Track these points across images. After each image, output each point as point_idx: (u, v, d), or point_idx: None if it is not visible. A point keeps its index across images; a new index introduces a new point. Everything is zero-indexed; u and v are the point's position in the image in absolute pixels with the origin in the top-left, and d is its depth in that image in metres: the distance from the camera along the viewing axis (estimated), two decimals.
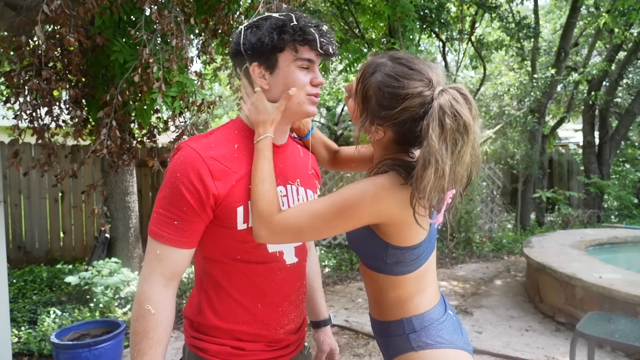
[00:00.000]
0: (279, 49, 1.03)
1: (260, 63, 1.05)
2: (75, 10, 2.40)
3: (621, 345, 2.25)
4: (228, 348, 1.08)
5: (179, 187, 0.99)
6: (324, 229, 0.99)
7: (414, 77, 0.97)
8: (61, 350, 2.64)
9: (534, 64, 8.21)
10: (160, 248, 1.01)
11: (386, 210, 0.97)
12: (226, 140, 1.07)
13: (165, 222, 1.00)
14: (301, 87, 1.06)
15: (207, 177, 0.99)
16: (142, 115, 2.79)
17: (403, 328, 1.07)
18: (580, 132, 9.69)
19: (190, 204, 0.99)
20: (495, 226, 7.70)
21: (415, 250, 1.04)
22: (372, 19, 5.57)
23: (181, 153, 1.02)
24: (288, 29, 1.02)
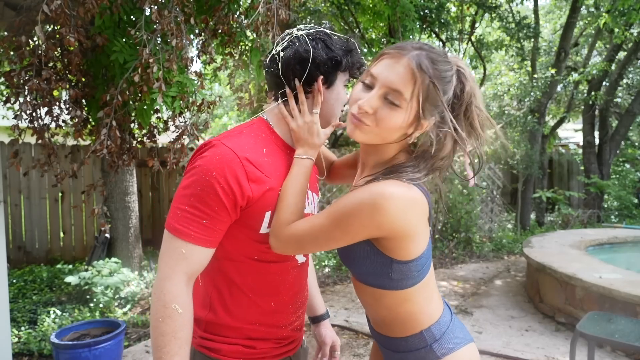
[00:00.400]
0: (342, 69, 1.09)
1: (325, 78, 1.08)
2: (75, 10, 2.40)
3: (621, 345, 2.25)
4: (240, 347, 1.08)
5: (214, 186, 0.96)
6: (323, 242, 0.95)
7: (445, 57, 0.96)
8: (61, 350, 2.64)
9: (534, 64, 8.21)
10: (187, 247, 0.97)
11: (387, 222, 0.89)
12: (256, 143, 1.05)
13: (194, 220, 0.97)
14: (348, 103, 1.09)
15: (243, 179, 0.97)
16: (142, 115, 2.78)
17: (425, 340, 1.02)
18: (580, 132, 9.70)
19: (223, 204, 0.97)
20: (495, 226, 7.70)
21: (420, 261, 0.98)
22: (372, 19, 5.57)
23: (216, 150, 0.99)
24: (355, 55, 1.09)
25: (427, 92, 0.90)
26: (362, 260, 0.99)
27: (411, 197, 0.91)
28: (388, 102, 0.92)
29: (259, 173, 1.00)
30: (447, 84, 0.93)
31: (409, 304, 1.01)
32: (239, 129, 1.09)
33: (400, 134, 0.95)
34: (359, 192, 0.92)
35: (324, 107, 1.10)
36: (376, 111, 0.93)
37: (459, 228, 6.82)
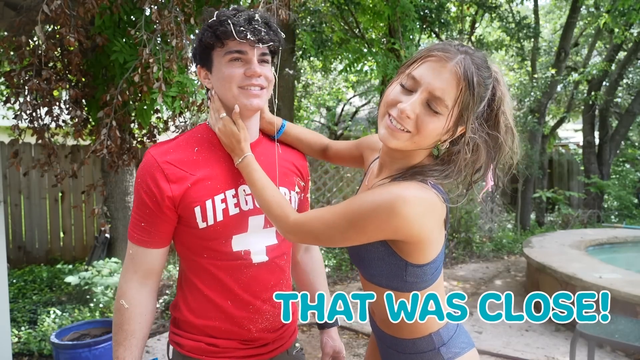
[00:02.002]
0: (210, 46, 1.05)
1: (202, 65, 1.10)
2: (75, 10, 2.40)
3: (621, 345, 2.25)
4: (203, 344, 1.11)
5: (140, 191, 1.06)
6: (338, 239, 0.94)
7: (487, 63, 0.93)
8: (61, 350, 2.64)
9: (534, 64, 8.21)
10: (132, 248, 1.09)
11: (404, 227, 0.86)
12: (187, 145, 1.11)
13: (135, 224, 1.09)
14: (232, 81, 1.04)
15: (162, 181, 1.04)
16: (142, 115, 2.78)
17: (433, 343, 1.01)
18: (580, 132, 9.69)
19: (149, 206, 1.05)
20: (495, 226, 7.70)
21: (434, 264, 0.97)
22: (372, 19, 5.57)
23: (144, 159, 1.09)
24: (213, 25, 1.02)
25: (468, 99, 0.87)
26: (377, 261, 0.97)
27: (430, 201, 0.88)
28: (429, 109, 0.88)
29: (180, 172, 1.05)
30: (486, 92, 0.91)
31: None
32: (178, 135, 1.19)
33: (435, 140, 0.92)
34: (377, 192, 0.89)
35: (217, 89, 1.09)
36: (418, 117, 0.88)
37: (459, 228, 6.82)
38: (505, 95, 0.94)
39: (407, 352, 1.04)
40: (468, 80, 0.86)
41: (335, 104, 11.57)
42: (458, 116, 0.89)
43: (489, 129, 0.94)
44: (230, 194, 1.09)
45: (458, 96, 0.86)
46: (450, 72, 0.86)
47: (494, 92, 0.93)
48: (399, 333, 1.04)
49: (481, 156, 0.94)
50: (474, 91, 0.87)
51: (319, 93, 10.98)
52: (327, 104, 11.40)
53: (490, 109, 0.93)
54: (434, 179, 0.92)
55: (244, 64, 1.04)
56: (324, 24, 5.94)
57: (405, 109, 0.87)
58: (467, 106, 0.87)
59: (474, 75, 0.86)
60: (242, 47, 1.02)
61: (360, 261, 1.02)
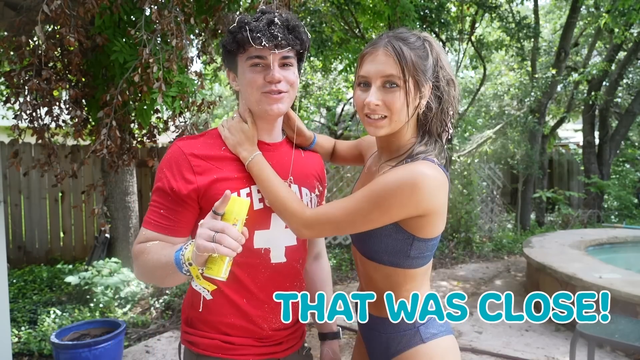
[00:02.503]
0: (233, 52, 1.08)
1: (229, 69, 1.14)
2: (75, 10, 2.40)
3: (621, 345, 2.25)
4: (218, 342, 1.11)
5: (162, 179, 1.07)
6: (360, 223, 0.99)
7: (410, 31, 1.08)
8: (61, 350, 2.64)
9: (534, 64, 8.21)
10: (147, 234, 1.07)
11: (424, 200, 0.95)
12: (214, 142, 1.13)
13: (153, 211, 1.08)
14: (255, 87, 1.07)
15: (188, 172, 1.06)
16: (142, 115, 2.78)
17: (413, 322, 1.07)
18: (580, 132, 9.70)
19: (172, 195, 1.05)
20: (495, 226, 7.70)
21: (435, 241, 1.05)
22: (372, 19, 5.57)
23: (169, 150, 1.10)
24: (233, 31, 1.05)
25: (413, 63, 1.00)
26: (384, 237, 1.03)
27: (441, 177, 0.98)
28: (388, 88, 1.01)
29: (206, 165, 1.07)
30: (421, 51, 1.03)
31: (413, 284, 1.07)
32: (204, 132, 1.18)
33: (411, 110, 1.03)
34: (397, 173, 0.97)
35: (242, 92, 1.13)
36: (383, 101, 1.01)
37: (459, 228, 6.82)
38: (439, 53, 1.05)
39: (388, 332, 1.09)
40: (397, 51, 0.99)
41: (335, 104, 11.57)
42: (414, 79, 1.00)
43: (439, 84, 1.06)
44: (256, 189, 1.11)
45: (401, 65, 0.99)
46: (383, 54, 1.01)
47: (432, 51, 1.05)
48: (385, 311, 1.09)
49: (445, 109, 1.06)
50: (410, 54, 1.00)
51: (319, 93, 10.98)
52: (327, 104, 11.39)
53: (435, 68, 1.06)
54: (434, 156, 1.03)
55: (264, 69, 1.06)
56: (324, 24, 5.94)
57: (371, 101, 1.01)
58: (415, 68, 1.00)
59: (402, 45, 1.00)
60: (262, 52, 1.04)
61: (366, 238, 1.07)
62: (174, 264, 0.94)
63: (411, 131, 1.08)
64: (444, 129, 1.07)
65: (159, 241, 1.05)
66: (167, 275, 0.98)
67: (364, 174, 1.22)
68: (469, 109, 7.71)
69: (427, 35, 1.07)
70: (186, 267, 0.92)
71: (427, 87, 1.03)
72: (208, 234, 0.86)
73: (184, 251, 0.93)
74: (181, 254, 0.93)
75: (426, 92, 1.03)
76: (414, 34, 1.05)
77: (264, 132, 1.16)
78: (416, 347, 1.06)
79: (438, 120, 1.06)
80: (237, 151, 1.10)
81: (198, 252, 0.87)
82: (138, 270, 1.07)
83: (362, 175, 1.24)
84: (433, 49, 1.05)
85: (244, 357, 1.11)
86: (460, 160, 7.29)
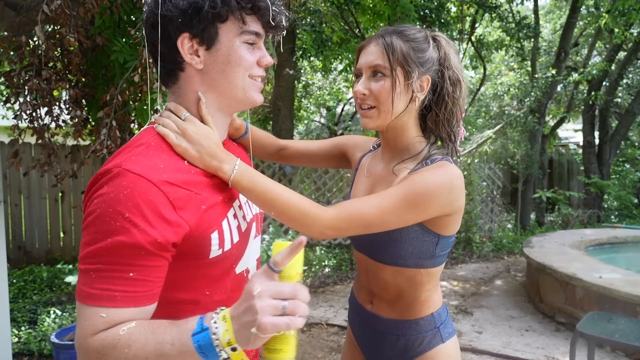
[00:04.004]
0: (220, 18, 0.79)
1: (192, 35, 0.80)
2: (75, 10, 2.40)
3: (621, 345, 2.25)
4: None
5: (132, 231, 0.69)
6: (393, 222, 0.97)
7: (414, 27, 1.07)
8: (61, 350, 2.64)
9: (534, 64, 8.21)
10: (108, 312, 0.70)
11: (456, 199, 0.98)
12: (171, 154, 0.80)
13: (114, 277, 0.70)
14: (248, 68, 0.84)
15: (168, 211, 0.73)
16: (142, 115, 2.78)
17: (434, 322, 1.08)
18: (580, 132, 9.70)
19: (148, 250, 0.71)
20: (495, 226, 7.70)
21: (453, 237, 1.08)
22: (372, 19, 5.57)
23: (120, 183, 0.71)
24: None
25: (402, 53, 1.00)
26: (412, 240, 1.03)
27: (462, 176, 1.01)
28: (375, 78, 1.02)
29: (186, 193, 0.76)
30: (419, 43, 1.02)
31: (432, 282, 1.08)
32: (142, 142, 0.80)
33: (402, 100, 1.02)
34: (432, 174, 0.97)
35: (208, 71, 0.83)
36: (370, 90, 1.02)
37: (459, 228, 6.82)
38: (449, 53, 1.05)
39: (408, 334, 1.08)
40: (386, 42, 1.00)
41: (335, 104, 11.57)
42: (403, 70, 1.00)
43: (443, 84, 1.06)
44: (237, 205, 0.90)
45: (389, 55, 1.00)
46: (374, 46, 1.02)
47: (438, 55, 1.05)
48: (405, 314, 1.09)
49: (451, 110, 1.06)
50: (401, 45, 1.00)
51: (319, 93, 10.98)
52: (327, 104, 11.40)
53: (440, 67, 1.05)
54: (446, 158, 1.04)
55: (255, 50, 0.85)
56: (324, 24, 5.93)
57: (358, 89, 1.03)
58: (405, 58, 1.00)
59: (395, 36, 1.01)
60: (259, 29, 0.84)
61: (388, 243, 1.03)
62: (197, 352, 0.65)
63: (414, 130, 1.08)
64: (452, 130, 1.07)
65: (136, 322, 0.70)
66: None
67: (368, 177, 1.16)
68: (469, 109, 7.71)
69: (438, 34, 1.07)
70: (225, 354, 0.65)
71: (423, 79, 1.02)
72: (275, 305, 0.62)
73: (217, 331, 0.65)
74: (213, 336, 0.65)
75: (423, 85, 1.03)
76: (419, 30, 1.05)
77: (222, 130, 0.91)
78: (437, 348, 1.07)
79: (445, 121, 1.06)
80: (209, 164, 0.82)
81: (263, 334, 0.62)
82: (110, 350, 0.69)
83: (360, 176, 1.19)
84: (440, 46, 1.05)
85: None
86: (460, 160, 7.30)
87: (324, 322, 3.89)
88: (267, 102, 8.96)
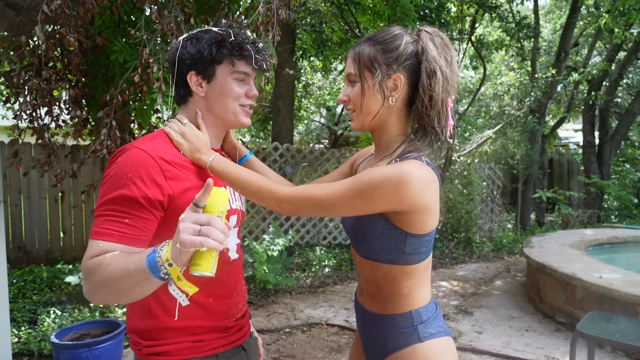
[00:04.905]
0: (217, 61, 1.11)
1: (197, 72, 1.13)
2: (75, 10, 2.40)
3: (621, 345, 2.25)
4: (188, 343, 1.10)
5: (130, 186, 0.97)
6: (341, 208, 1.03)
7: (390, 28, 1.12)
8: (61, 350, 2.64)
9: (534, 64, 8.21)
10: (106, 244, 0.95)
11: (409, 196, 0.98)
12: (171, 146, 1.11)
13: (114, 221, 0.97)
14: (236, 98, 1.14)
15: (159, 177, 1.01)
16: (142, 115, 2.79)
17: (411, 320, 1.08)
18: (580, 132, 9.70)
19: (141, 203, 0.98)
20: (495, 226, 7.70)
21: (429, 237, 1.08)
22: (372, 19, 5.57)
23: (129, 154, 1.02)
24: (227, 44, 1.11)
25: (369, 58, 1.07)
26: (378, 235, 1.06)
27: (428, 176, 1.01)
28: (351, 84, 1.12)
29: (176, 171, 1.04)
30: (388, 44, 1.08)
31: (412, 281, 1.09)
32: (153, 134, 1.14)
33: (376, 100, 1.09)
34: (385, 168, 1.01)
35: (208, 101, 1.15)
36: (348, 95, 1.12)
37: (459, 228, 6.82)
38: (427, 45, 1.07)
39: (386, 329, 1.11)
40: (355, 51, 1.10)
41: (336, 104, 11.57)
42: (369, 72, 1.08)
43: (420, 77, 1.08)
44: None
45: (356, 62, 1.09)
46: (349, 57, 1.13)
47: (415, 48, 1.08)
48: (384, 309, 1.11)
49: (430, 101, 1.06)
50: (368, 50, 1.08)
51: (319, 93, 10.98)
52: (327, 104, 11.40)
53: (418, 60, 1.08)
54: (424, 155, 1.07)
55: (244, 85, 1.15)
56: (324, 24, 5.94)
57: (340, 97, 1.15)
58: (369, 60, 1.07)
59: (363, 43, 1.10)
60: (248, 70, 1.14)
61: (362, 237, 1.10)
62: (147, 268, 0.86)
63: (398, 127, 1.12)
64: (433, 123, 1.07)
65: (119, 252, 0.95)
66: (137, 285, 0.89)
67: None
68: (469, 109, 7.71)
69: (426, 28, 1.10)
70: (165, 269, 0.86)
71: (394, 77, 1.07)
72: (193, 227, 0.82)
73: (161, 252, 0.87)
74: (157, 255, 0.87)
75: (396, 83, 1.07)
76: (394, 29, 1.10)
77: (215, 139, 1.21)
78: (413, 346, 1.07)
79: (424, 113, 1.07)
80: (195, 157, 1.10)
81: (183, 248, 0.81)
82: (94, 286, 0.93)
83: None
84: (418, 41, 1.08)
85: (214, 350, 1.13)
86: (460, 160, 7.30)
87: (324, 322, 3.89)
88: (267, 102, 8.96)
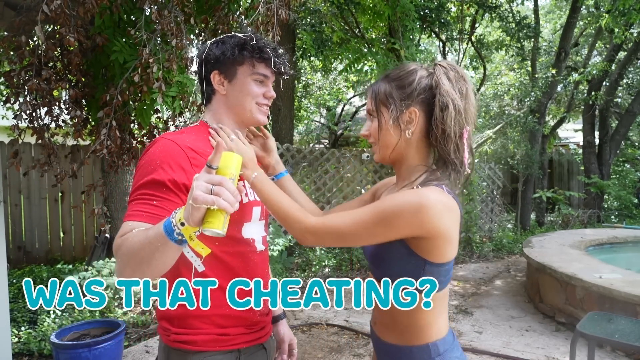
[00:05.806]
0: (238, 62, 1.19)
1: (220, 72, 1.20)
2: (75, 10, 2.40)
3: (621, 345, 2.25)
4: (213, 336, 1.13)
5: (158, 171, 1.05)
6: (365, 236, 1.02)
7: (406, 65, 1.15)
8: (61, 350, 2.64)
9: (534, 64, 8.21)
10: (135, 225, 1.00)
11: (428, 221, 0.98)
12: (198, 139, 1.17)
13: (143, 203, 1.03)
14: (254, 97, 1.21)
15: (186, 164, 1.08)
16: (142, 115, 2.79)
17: (429, 353, 1.06)
18: (580, 132, 9.70)
19: (169, 187, 1.05)
20: (495, 226, 7.70)
21: (448, 266, 1.06)
22: (372, 19, 5.58)
23: (159, 144, 1.11)
24: (248, 47, 1.18)
25: (385, 94, 1.11)
26: (397, 261, 1.05)
27: (448, 203, 1.02)
28: (371, 119, 1.16)
29: (202, 159, 1.10)
30: (402, 80, 1.11)
31: (430, 311, 1.06)
32: (182, 130, 1.22)
33: (393, 134, 1.11)
34: (405, 194, 1.02)
35: (229, 100, 1.22)
36: (369, 130, 1.17)
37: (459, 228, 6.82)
38: (440, 79, 1.08)
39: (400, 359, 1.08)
40: (373, 89, 1.15)
41: (335, 104, 11.58)
42: (385, 107, 1.11)
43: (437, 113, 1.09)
44: (241, 184, 1.13)
45: (374, 99, 1.14)
46: (368, 95, 1.17)
47: (429, 82, 1.10)
48: (400, 339, 1.09)
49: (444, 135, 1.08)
50: (384, 87, 1.12)
51: (319, 93, 10.99)
52: (327, 104, 11.40)
53: (432, 94, 1.09)
54: (445, 185, 1.06)
55: (262, 86, 1.22)
56: (324, 24, 5.94)
57: (362, 132, 1.19)
58: (384, 97, 1.11)
59: (380, 81, 1.15)
60: (267, 72, 1.21)
61: (381, 262, 1.08)
62: (164, 231, 0.88)
63: (418, 158, 1.13)
64: (450, 156, 1.08)
65: (144, 228, 0.99)
66: (156, 250, 0.91)
67: None
68: None
69: (440, 62, 1.12)
70: (178, 229, 0.87)
71: (410, 111, 1.09)
72: (206, 186, 0.83)
73: (175, 214, 0.89)
74: (172, 217, 0.89)
75: (411, 117, 1.09)
76: (411, 65, 1.14)
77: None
78: None
79: (440, 145, 1.08)
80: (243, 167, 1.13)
81: (195, 204, 0.82)
82: (121, 260, 0.98)
83: None
84: (433, 75, 1.09)
85: (237, 346, 1.16)
86: None
87: (324, 322, 3.89)
88: None
